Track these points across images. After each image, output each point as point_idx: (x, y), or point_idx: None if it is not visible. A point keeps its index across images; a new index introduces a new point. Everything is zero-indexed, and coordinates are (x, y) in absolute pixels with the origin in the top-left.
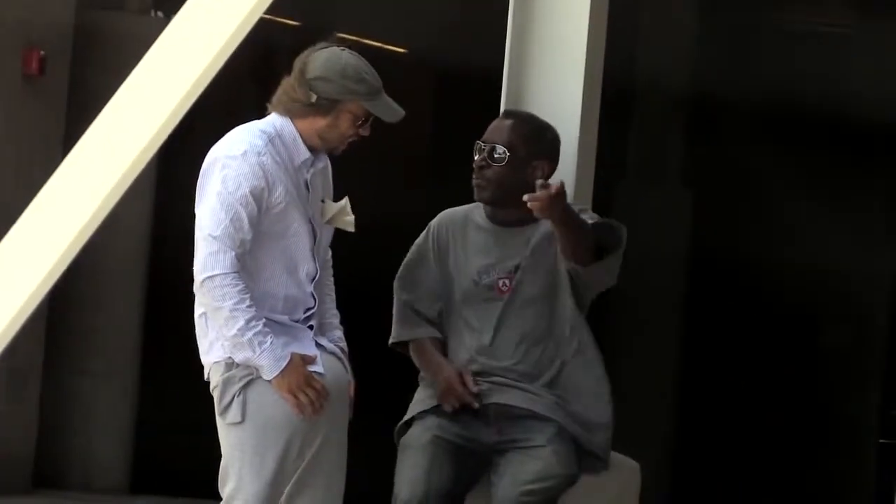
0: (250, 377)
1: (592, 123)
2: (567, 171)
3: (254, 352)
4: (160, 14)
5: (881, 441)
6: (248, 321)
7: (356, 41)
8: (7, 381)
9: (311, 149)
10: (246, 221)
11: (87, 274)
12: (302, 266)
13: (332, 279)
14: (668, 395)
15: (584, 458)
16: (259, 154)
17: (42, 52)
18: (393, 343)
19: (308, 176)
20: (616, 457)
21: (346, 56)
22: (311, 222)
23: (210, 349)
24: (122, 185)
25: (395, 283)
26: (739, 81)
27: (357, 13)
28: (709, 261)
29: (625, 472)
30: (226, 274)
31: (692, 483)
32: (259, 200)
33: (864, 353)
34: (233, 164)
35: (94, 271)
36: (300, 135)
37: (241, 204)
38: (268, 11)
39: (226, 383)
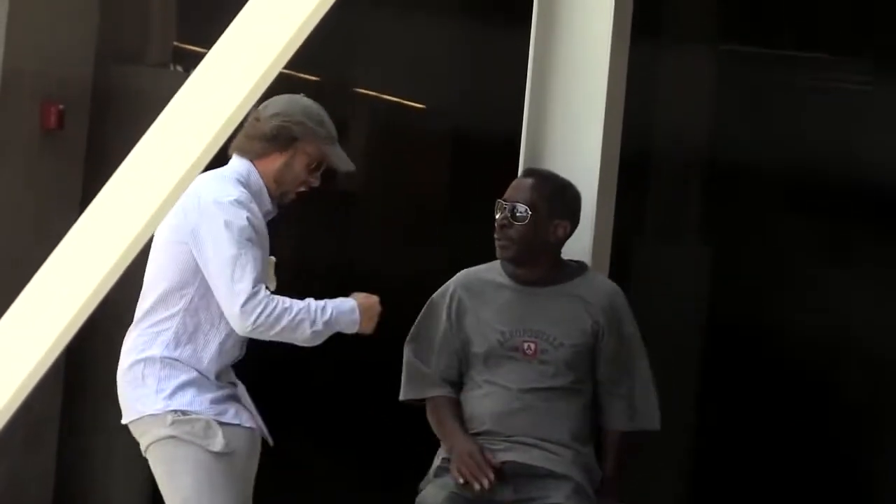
0: (198, 432)
1: (611, 181)
2: (585, 228)
3: (331, 325)
4: (179, 68)
5: None
6: (301, 312)
7: (375, 96)
8: (24, 434)
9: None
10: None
11: (104, 327)
12: None
13: None
14: (685, 453)
15: None
16: (249, 202)
17: (61, 107)
18: (403, 400)
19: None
20: None
21: (306, 100)
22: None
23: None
24: (140, 238)
25: (406, 342)
26: (758, 140)
27: (376, 68)
28: (726, 319)
29: None
30: (256, 297)
31: None
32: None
33: (884, 413)
34: (232, 209)
35: (110, 324)
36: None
37: (250, 243)
38: (287, 66)
39: (168, 439)
